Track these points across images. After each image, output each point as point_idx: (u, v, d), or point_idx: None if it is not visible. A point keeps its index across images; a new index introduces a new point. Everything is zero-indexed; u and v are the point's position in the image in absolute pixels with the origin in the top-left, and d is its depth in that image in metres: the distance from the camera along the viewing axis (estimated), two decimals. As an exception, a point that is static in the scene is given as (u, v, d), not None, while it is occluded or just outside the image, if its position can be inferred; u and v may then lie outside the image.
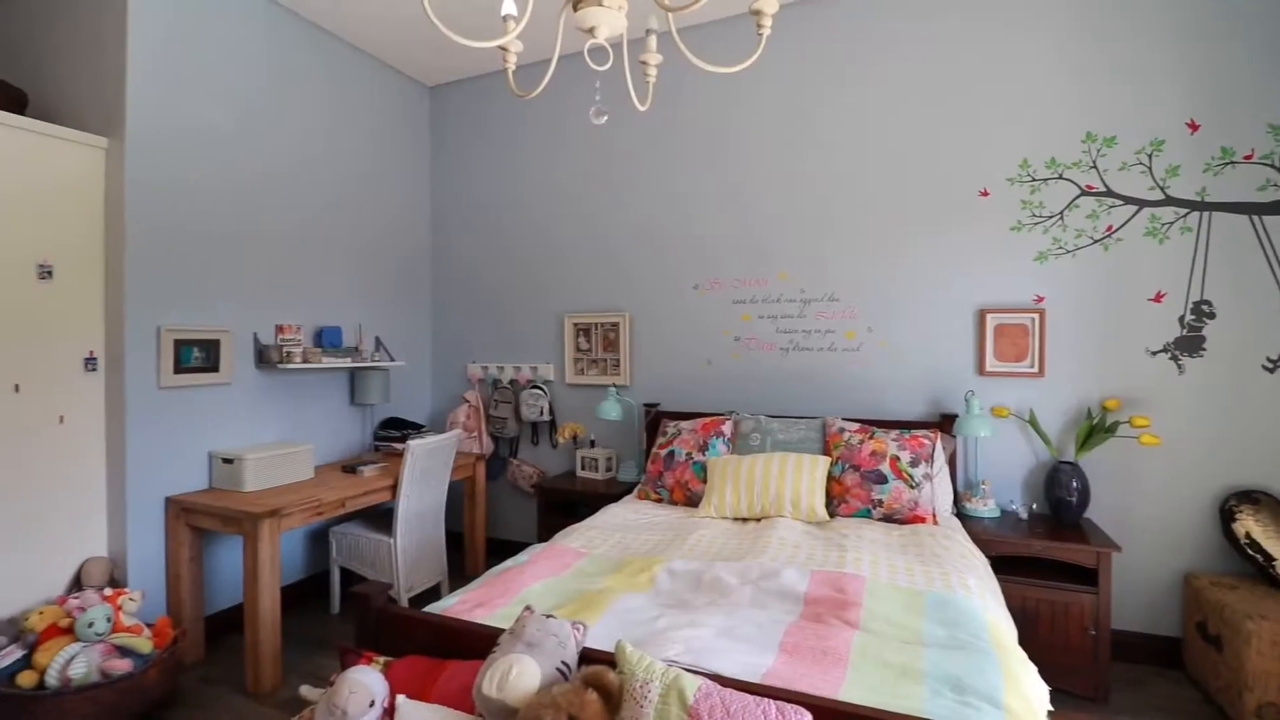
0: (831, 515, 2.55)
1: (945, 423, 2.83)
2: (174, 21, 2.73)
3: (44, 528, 2.43)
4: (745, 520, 2.55)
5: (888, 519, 2.49)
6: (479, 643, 1.46)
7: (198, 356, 2.80)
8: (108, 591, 2.37)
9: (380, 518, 3.19)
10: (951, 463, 2.80)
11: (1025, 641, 1.66)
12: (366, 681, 1.29)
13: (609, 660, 1.27)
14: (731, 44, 3.18)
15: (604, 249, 3.63)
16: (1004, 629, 1.70)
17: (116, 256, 2.59)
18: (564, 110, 3.66)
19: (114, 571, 2.58)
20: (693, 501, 2.77)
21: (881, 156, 3.01)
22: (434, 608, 1.72)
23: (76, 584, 2.51)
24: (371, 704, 1.29)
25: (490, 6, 3.08)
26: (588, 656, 1.34)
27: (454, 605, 1.72)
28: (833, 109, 3.10)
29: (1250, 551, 2.36)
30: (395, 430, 3.65)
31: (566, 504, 3.34)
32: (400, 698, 1.30)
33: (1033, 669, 1.50)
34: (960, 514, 2.70)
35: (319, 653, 2.75)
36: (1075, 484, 2.59)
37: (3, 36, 3.04)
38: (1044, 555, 2.42)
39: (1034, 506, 2.78)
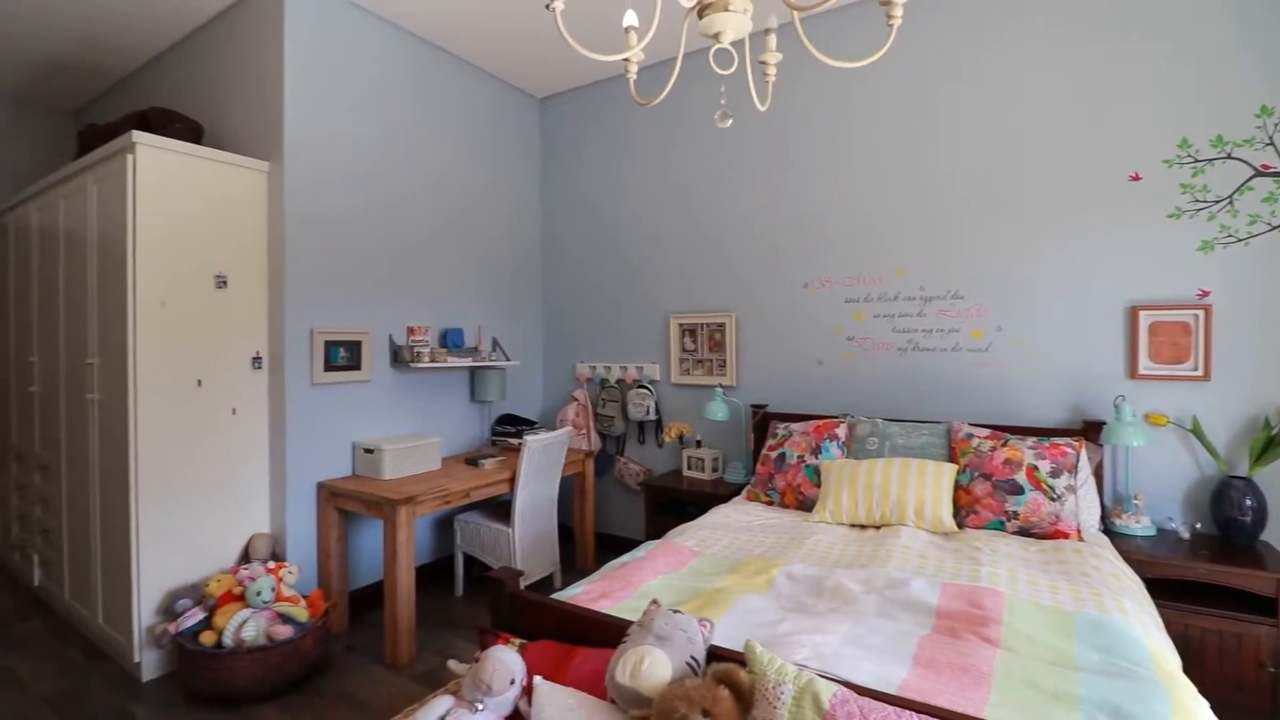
0: (960, 526, 2.41)
1: (1090, 430, 2.59)
2: (320, 55, 3.03)
3: (220, 506, 2.78)
4: (863, 527, 2.46)
5: (1024, 532, 2.32)
6: (606, 632, 1.51)
7: (343, 356, 3.08)
8: (270, 564, 2.67)
9: (499, 508, 3.37)
10: (1098, 474, 2.56)
11: (1187, 675, 1.49)
12: (508, 661, 1.38)
13: (737, 659, 1.28)
14: (849, 36, 3.09)
15: (710, 249, 3.63)
16: (1168, 657, 1.54)
17: (277, 266, 2.91)
18: (672, 111, 3.69)
19: (275, 547, 2.89)
20: (805, 505, 2.71)
21: (1013, 143, 2.81)
22: (561, 596, 1.79)
23: (245, 556, 2.85)
24: (512, 682, 1.37)
25: (605, 16, 3.17)
26: (715, 654, 1.35)
27: (579, 595, 1.79)
28: (958, 96, 2.93)
29: None
30: (510, 426, 3.84)
31: (673, 502, 3.37)
32: (537, 678, 1.37)
33: (1204, 704, 1.35)
34: (1108, 530, 2.47)
35: (448, 631, 2.95)
36: (1249, 502, 2.29)
37: (182, 76, 3.50)
38: (1210, 580, 2.16)
39: (1197, 526, 2.49)
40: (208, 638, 2.39)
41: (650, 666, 1.24)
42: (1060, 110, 2.72)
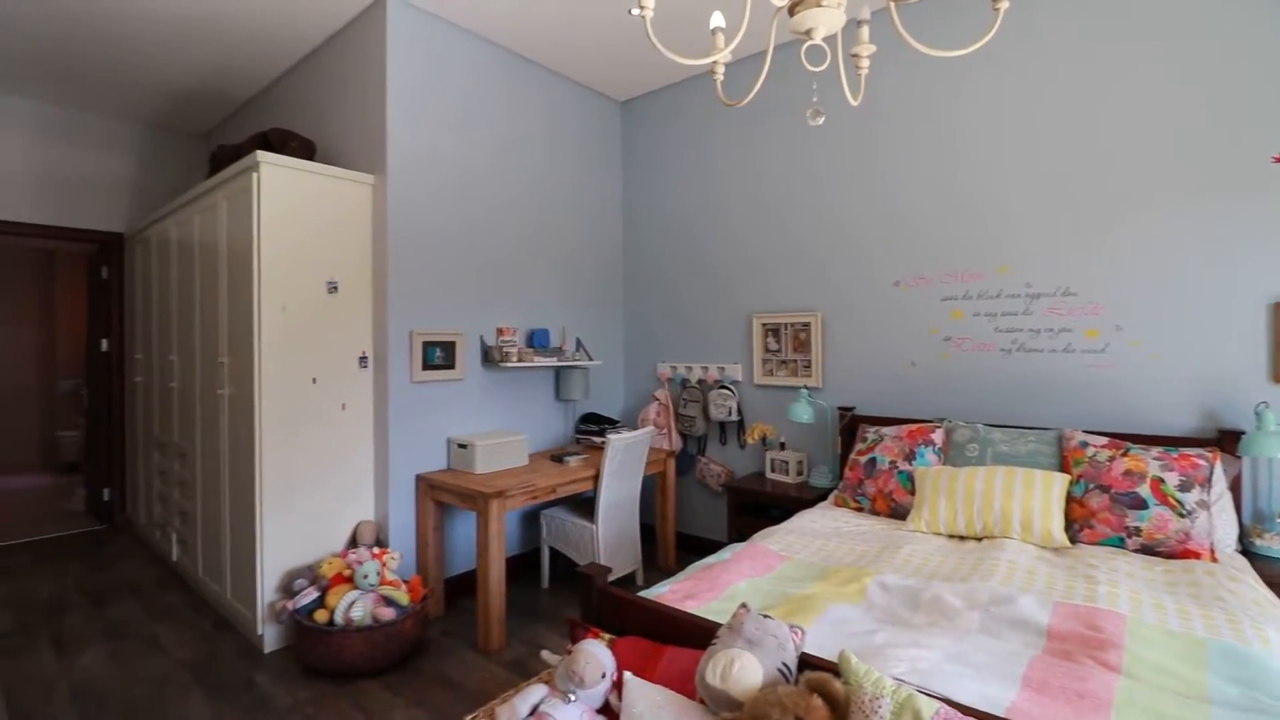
0: (1072, 541, 2.24)
1: (1226, 440, 2.34)
2: (418, 73, 3.20)
3: (331, 494, 3.00)
4: (963, 538, 2.34)
5: (1148, 550, 2.13)
6: (693, 632, 1.52)
7: (439, 356, 3.25)
8: (375, 550, 2.85)
9: (583, 505, 3.44)
10: (1234, 488, 2.31)
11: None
12: (599, 655, 1.41)
13: (830, 668, 1.25)
14: (946, 24, 2.94)
15: (795, 247, 3.55)
16: (1326, 700, 1.37)
17: (381, 272, 3.10)
18: (757, 108, 3.64)
19: (379, 534, 3.09)
20: (898, 513, 2.61)
21: (1131, 126, 2.57)
22: (646, 594, 1.82)
23: (353, 542, 3.06)
24: (603, 675, 1.40)
25: (689, 17, 3.17)
26: (806, 662, 1.32)
27: (665, 594, 1.81)
28: (1066, 80, 2.72)
29: None
30: (593, 425, 3.92)
31: (756, 505, 3.33)
32: (627, 674, 1.40)
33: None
34: (1246, 552, 2.22)
35: (535, 621, 3.05)
36: None
37: (297, 98, 3.80)
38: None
39: (1360, 551, 2.19)
40: (320, 615, 2.59)
41: (741, 670, 1.23)
42: (1182, 85, 2.46)
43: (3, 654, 2.79)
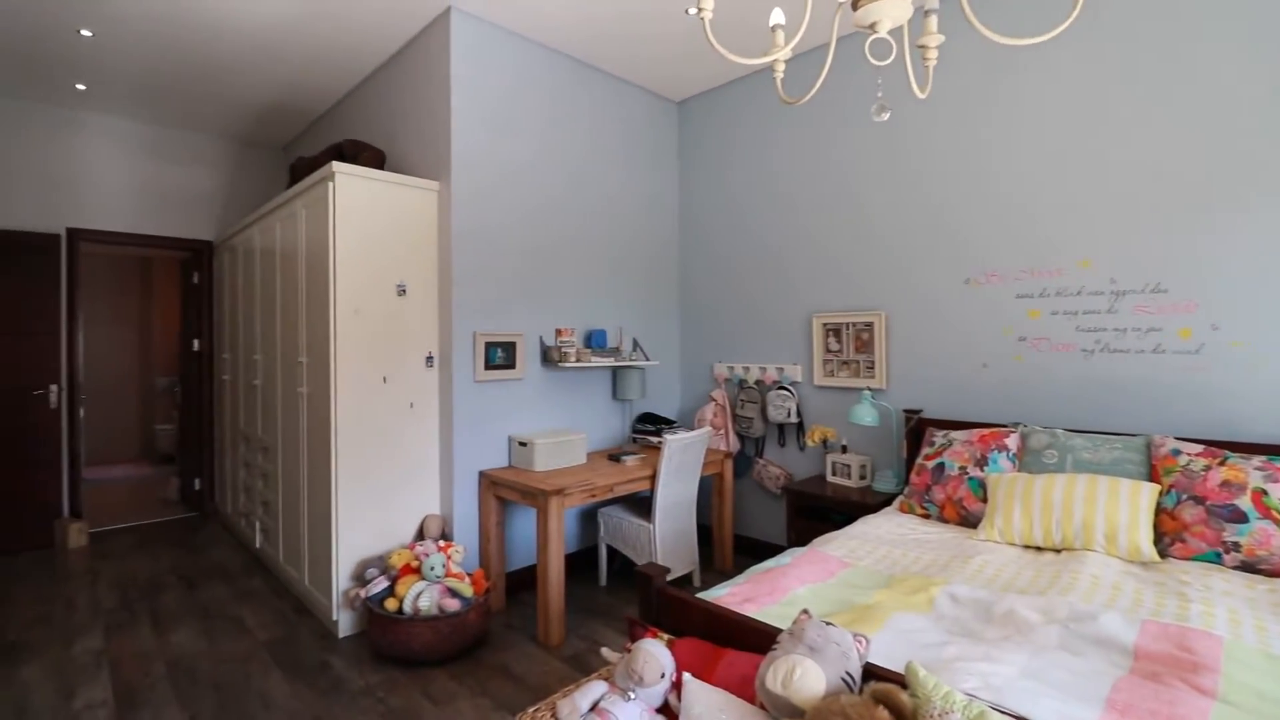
0: (1161, 555, 2.09)
1: (1343, 450, 2.14)
2: (480, 81, 3.29)
3: (400, 488, 3.12)
4: (1039, 549, 2.22)
5: (1248, 568, 1.96)
6: (753, 636, 1.50)
7: (500, 356, 3.33)
8: (441, 543, 2.95)
9: (640, 504, 3.46)
10: (1354, 504, 2.10)
11: None
12: (658, 654, 1.42)
13: (896, 679, 1.21)
14: (1017, 8, 2.79)
15: (858, 245, 3.46)
16: None
17: (446, 275, 3.21)
18: (817, 104, 3.57)
19: (444, 527, 3.20)
20: (968, 521, 2.50)
21: (1229, 109, 2.38)
22: (705, 595, 1.81)
23: (420, 534, 3.18)
24: (662, 675, 1.41)
25: (747, 15, 3.14)
26: (871, 672, 1.29)
27: (724, 596, 1.79)
28: (1156, 60, 2.53)
29: None
30: (650, 425, 3.93)
31: (816, 509, 3.26)
32: (686, 675, 1.40)
33: None
34: (1369, 574, 2.01)
35: (593, 618, 3.09)
36: None
37: (368, 110, 3.97)
38: None
39: None
40: (390, 604, 2.70)
41: (802, 677, 1.21)
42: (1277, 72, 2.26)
43: (110, 629, 3.04)
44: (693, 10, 1.52)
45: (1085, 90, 2.71)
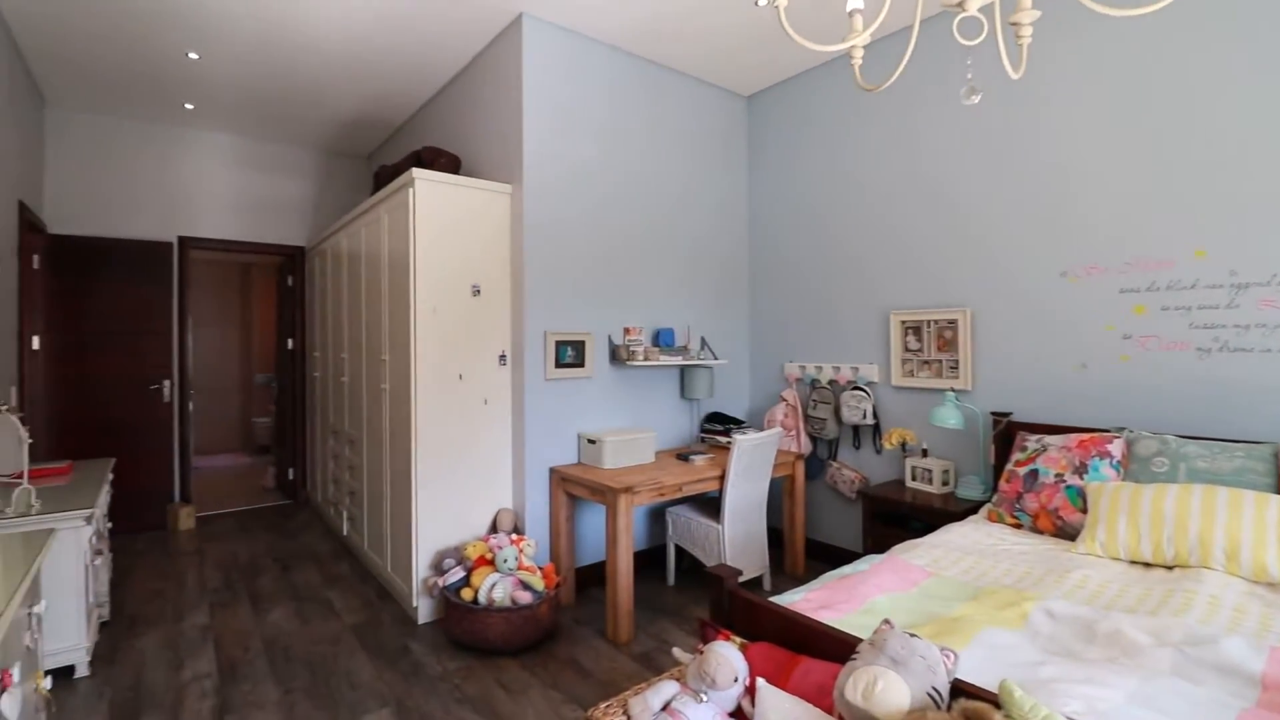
0: (1294, 576, 1.88)
1: None
2: (551, 84, 3.34)
3: (474, 482, 3.22)
4: (1148, 566, 2.04)
5: (1405, 595, 1.73)
6: (829, 644, 1.45)
7: (570, 355, 3.38)
8: (513, 537, 3.02)
9: (709, 504, 3.43)
10: None
11: None
12: (731, 658, 1.39)
13: (989, 699, 1.14)
14: (1123, -27, 2.58)
15: (940, 238, 3.29)
16: None
17: (518, 275, 3.28)
18: (896, 90, 3.42)
19: (516, 521, 3.28)
20: (1066, 533, 2.32)
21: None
22: (779, 600, 1.76)
23: (493, 527, 3.27)
24: (735, 679, 1.38)
25: (821, 1, 3.04)
26: (960, 689, 1.22)
27: (798, 602, 1.74)
28: (1273, 32, 2.28)
29: None
30: (718, 424, 3.88)
31: (894, 515, 3.13)
32: (760, 681, 1.36)
33: None
34: None
35: (662, 616, 3.08)
36: None
37: (444, 118, 4.12)
38: None
39: None
40: (466, 594, 2.79)
41: (885, 690, 1.16)
42: None
43: (215, 606, 3.29)
44: (762, 1, 1.48)
45: (1198, 61, 2.47)
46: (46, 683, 1.74)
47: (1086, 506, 2.28)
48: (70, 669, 2.54)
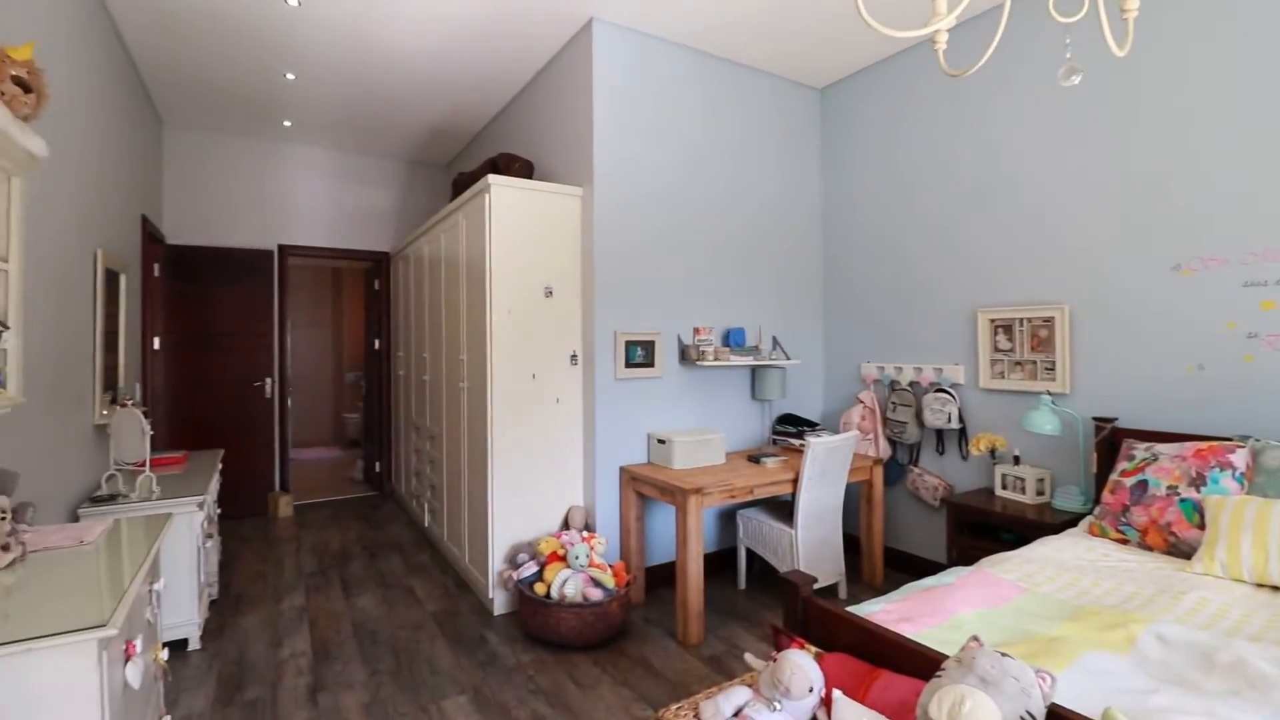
0: None
1: None
2: (621, 87, 3.36)
3: (547, 479, 3.29)
4: (1276, 589, 1.83)
5: None
6: (912, 659, 1.39)
7: (640, 354, 3.39)
8: (584, 534, 3.06)
9: (781, 508, 3.35)
10: None
11: None
12: (806, 667, 1.35)
13: (1092, 728, 1.05)
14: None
15: (1034, 230, 3.08)
16: None
17: (589, 276, 3.32)
18: (983, 75, 3.23)
19: (587, 519, 3.32)
20: (1179, 551, 2.12)
21: None
22: (856, 610, 1.70)
23: (565, 524, 3.33)
24: (810, 689, 1.34)
25: (900, -13, 2.91)
26: (1057, 714, 1.13)
27: (878, 613, 1.68)
28: None
29: None
30: (791, 426, 3.79)
31: (982, 526, 2.96)
32: (837, 693, 1.32)
33: None
34: None
35: (732, 620, 3.04)
36: None
37: (518, 124, 4.23)
38: None
39: None
40: (539, 588, 2.85)
41: (972, 711, 1.09)
42: None
43: (310, 590, 3.52)
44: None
45: (1349, 27, 2.19)
46: (164, 654, 1.91)
47: (1204, 522, 2.07)
48: (184, 642, 2.78)
